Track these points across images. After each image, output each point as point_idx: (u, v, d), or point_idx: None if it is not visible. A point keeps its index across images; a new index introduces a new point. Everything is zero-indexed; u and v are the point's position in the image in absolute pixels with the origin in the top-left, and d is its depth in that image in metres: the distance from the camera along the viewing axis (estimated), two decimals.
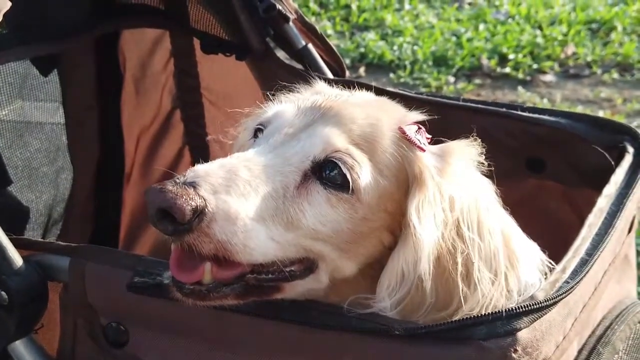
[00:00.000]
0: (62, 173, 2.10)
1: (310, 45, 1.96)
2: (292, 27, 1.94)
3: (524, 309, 1.10)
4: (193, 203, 1.09)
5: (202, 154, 2.19)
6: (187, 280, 1.16)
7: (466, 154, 1.31)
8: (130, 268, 1.26)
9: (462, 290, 1.20)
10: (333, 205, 1.22)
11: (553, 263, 1.27)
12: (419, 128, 1.32)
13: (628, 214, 1.39)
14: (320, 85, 1.49)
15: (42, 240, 1.51)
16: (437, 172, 1.26)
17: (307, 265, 1.24)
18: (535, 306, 1.11)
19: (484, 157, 1.33)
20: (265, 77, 1.97)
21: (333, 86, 1.50)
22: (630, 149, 1.52)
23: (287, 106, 1.34)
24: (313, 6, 5.78)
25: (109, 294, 1.29)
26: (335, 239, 1.23)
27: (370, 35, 5.29)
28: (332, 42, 5.61)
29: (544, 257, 1.31)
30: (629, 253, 1.51)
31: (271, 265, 1.20)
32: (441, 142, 1.34)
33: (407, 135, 1.28)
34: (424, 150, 1.28)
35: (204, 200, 1.10)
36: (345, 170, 1.22)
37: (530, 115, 1.70)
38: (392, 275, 1.22)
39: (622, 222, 1.35)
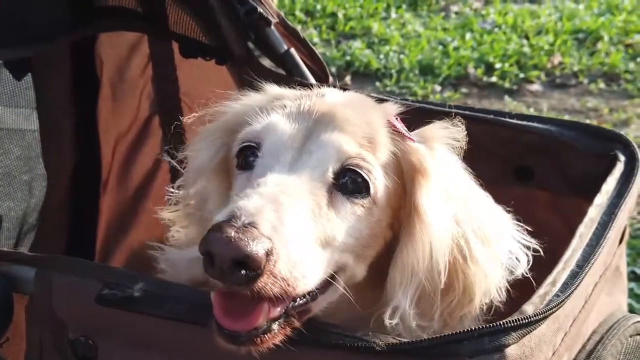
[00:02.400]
0: (36, 180, 2.04)
1: (292, 50, 1.91)
2: (274, 31, 1.89)
3: (512, 324, 1.05)
4: (264, 246, 1.02)
5: (180, 162, 2.14)
6: (245, 329, 1.07)
7: (445, 136, 1.31)
8: (100, 280, 1.20)
9: (466, 271, 1.22)
10: (357, 214, 1.20)
11: (527, 236, 1.30)
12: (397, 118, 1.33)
13: (620, 224, 1.34)
14: (271, 87, 1.42)
15: (6, 250, 1.45)
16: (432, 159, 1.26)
17: (328, 279, 1.19)
18: (524, 321, 1.06)
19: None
20: (246, 83, 1.92)
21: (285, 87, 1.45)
22: (622, 157, 1.48)
23: (275, 117, 1.26)
24: (299, 14, 5.74)
25: (77, 306, 1.22)
26: (357, 247, 1.21)
27: (357, 44, 5.26)
28: (319, 51, 5.59)
29: (518, 229, 1.33)
30: (620, 264, 1.46)
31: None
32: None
33: (397, 128, 1.27)
34: (414, 140, 1.27)
35: (270, 240, 1.04)
36: (365, 176, 1.20)
37: (519, 122, 1.65)
38: (404, 270, 1.21)
39: (613, 233, 1.30)
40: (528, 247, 1.31)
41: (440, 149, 1.29)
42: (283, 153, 1.20)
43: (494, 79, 4.75)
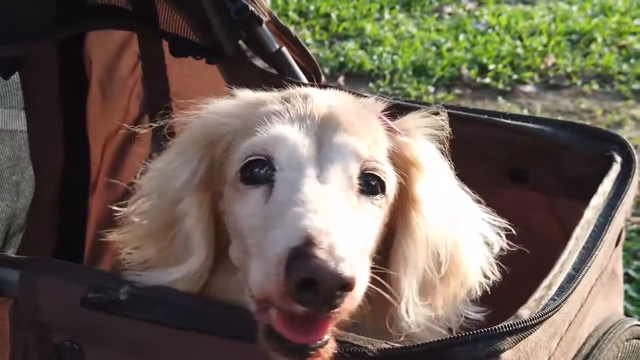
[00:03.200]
0: (25, 182, 2.01)
1: (284, 49, 1.89)
2: (266, 29, 1.86)
3: (507, 329, 1.03)
4: (354, 268, 1.00)
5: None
6: (313, 341, 1.03)
7: (425, 126, 1.31)
8: (85, 283, 1.18)
9: (459, 255, 1.24)
10: (376, 215, 1.20)
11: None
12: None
13: (616, 226, 1.32)
14: (243, 92, 1.37)
15: None
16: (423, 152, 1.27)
17: None
18: (519, 325, 1.04)
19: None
20: (237, 82, 1.89)
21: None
22: (618, 158, 1.45)
23: (280, 127, 1.20)
24: (292, 15, 5.72)
25: (62, 310, 1.20)
26: (373, 248, 1.20)
27: (350, 45, 5.24)
28: (312, 51, 5.58)
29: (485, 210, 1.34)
30: (616, 267, 1.44)
31: None
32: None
33: (388, 124, 1.28)
34: (402, 135, 1.27)
35: (351, 259, 1.00)
36: (383, 178, 1.19)
37: (514, 123, 1.63)
38: (406, 262, 1.21)
39: (610, 235, 1.28)
40: (500, 228, 1.33)
41: (422, 140, 1.29)
42: (305, 165, 1.15)
43: (487, 80, 4.73)
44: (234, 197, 1.20)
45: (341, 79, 4.85)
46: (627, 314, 2.77)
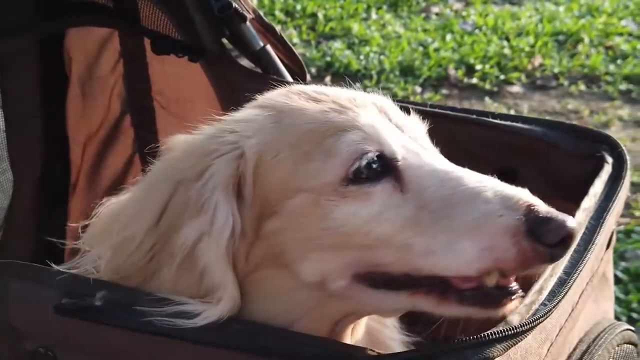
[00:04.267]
0: (4, 182, 1.96)
1: (268, 47, 1.84)
2: (250, 27, 1.82)
3: (497, 335, 0.99)
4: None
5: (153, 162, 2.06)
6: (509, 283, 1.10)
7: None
8: (59, 288, 1.13)
9: None
10: None
11: None
12: None
13: (608, 229, 1.29)
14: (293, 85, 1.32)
15: None
16: None
17: None
18: (509, 332, 1.00)
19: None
20: (220, 80, 1.85)
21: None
22: (609, 159, 1.42)
23: (368, 118, 1.16)
24: (279, 14, 5.68)
25: (35, 316, 1.15)
26: None
27: (337, 44, 5.21)
28: (298, 51, 5.53)
29: None
30: (607, 270, 1.41)
31: None
32: None
33: None
34: None
35: None
36: None
37: (502, 122, 1.60)
38: None
39: (602, 238, 1.25)
40: None
41: None
42: (413, 146, 1.16)
43: (474, 80, 4.71)
44: (336, 203, 1.11)
45: (328, 79, 4.82)
46: (615, 315, 2.75)
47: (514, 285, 1.09)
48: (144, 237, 1.16)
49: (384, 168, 1.12)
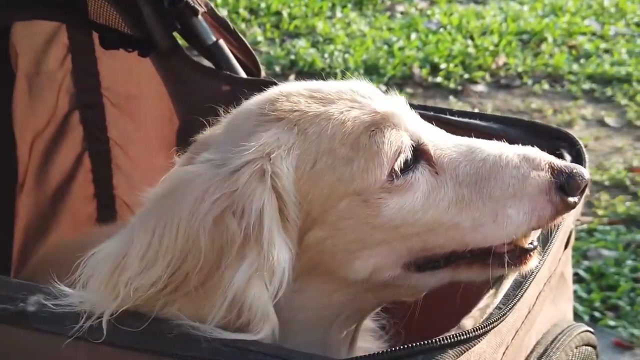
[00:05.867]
0: None
1: (221, 42, 1.79)
2: (202, 21, 1.76)
3: (449, 341, 0.95)
4: None
5: (103, 160, 2.00)
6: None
7: None
8: None
9: None
10: None
11: None
12: None
13: (565, 229, 1.25)
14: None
15: None
16: None
17: None
18: (462, 337, 0.96)
19: None
20: (171, 76, 1.79)
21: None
22: (567, 157, 1.39)
23: (388, 106, 1.18)
24: (243, 12, 5.62)
25: None
26: None
27: (301, 43, 5.16)
28: (262, 49, 5.51)
29: None
30: (565, 271, 1.38)
31: None
32: None
33: None
34: None
35: None
36: None
37: (460, 119, 1.56)
38: None
39: (559, 238, 1.22)
40: None
41: None
42: (425, 126, 1.21)
43: (439, 79, 4.69)
44: (384, 200, 1.10)
45: (292, 77, 4.77)
46: (576, 314, 2.74)
47: (535, 242, 1.17)
48: (162, 283, 1.04)
49: (415, 154, 1.13)
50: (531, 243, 1.17)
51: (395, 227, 1.10)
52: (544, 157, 1.16)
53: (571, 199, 1.14)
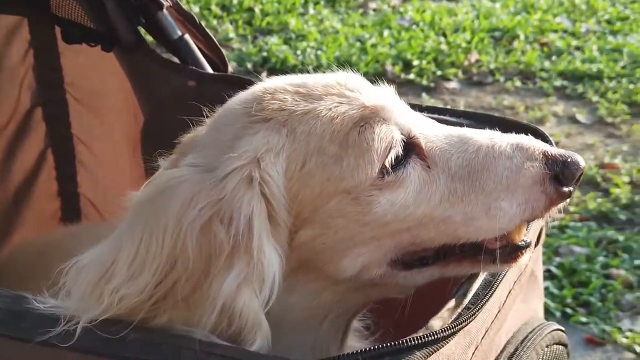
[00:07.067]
0: None
1: (187, 37, 1.75)
2: (167, 15, 1.72)
3: (416, 342, 0.92)
4: None
5: (67, 156, 1.95)
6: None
7: None
8: None
9: None
10: None
11: None
12: None
13: (535, 227, 1.23)
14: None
15: None
16: None
17: None
18: (430, 337, 0.93)
19: None
20: (136, 71, 1.75)
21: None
22: None
23: (380, 100, 1.16)
24: (215, 9, 5.57)
25: None
26: None
27: (273, 39, 5.12)
28: (234, 46, 5.46)
29: None
30: (535, 269, 1.36)
31: None
32: None
33: None
34: None
35: None
36: None
37: (430, 115, 1.53)
38: None
39: (529, 235, 1.19)
40: None
41: None
42: (414, 117, 1.19)
43: (411, 76, 4.68)
44: (375, 197, 1.08)
45: (264, 74, 4.73)
46: (548, 310, 2.74)
47: (528, 238, 1.15)
48: (148, 291, 1.01)
49: (406, 148, 1.11)
50: (523, 240, 1.15)
51: (385, 224, 1.08)
52: (538, 146, 1.13)
53: (566, 189, 1.11)
